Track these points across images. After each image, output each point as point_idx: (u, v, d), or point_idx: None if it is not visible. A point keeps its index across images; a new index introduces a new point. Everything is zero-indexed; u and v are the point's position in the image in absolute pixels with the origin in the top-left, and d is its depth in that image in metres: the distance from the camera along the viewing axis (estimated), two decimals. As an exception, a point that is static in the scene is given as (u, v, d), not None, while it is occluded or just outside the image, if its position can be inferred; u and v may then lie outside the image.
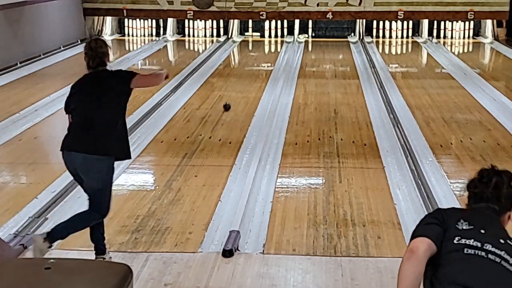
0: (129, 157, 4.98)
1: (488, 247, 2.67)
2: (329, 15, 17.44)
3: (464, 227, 2.73)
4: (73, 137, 4.84)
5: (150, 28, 18.48)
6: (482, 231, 2.73)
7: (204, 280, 4.79)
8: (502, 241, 2.70)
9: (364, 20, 17.99)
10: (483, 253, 2.66)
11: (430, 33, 17.99)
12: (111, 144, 4.77)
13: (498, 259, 2.65)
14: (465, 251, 2.67)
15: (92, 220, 4.91)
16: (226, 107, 9.91)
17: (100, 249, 4.99)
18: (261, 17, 17.54)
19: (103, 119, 4.75)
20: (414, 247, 2.75)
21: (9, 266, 3.41)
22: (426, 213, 5.92)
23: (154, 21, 18.40)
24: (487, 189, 2.93)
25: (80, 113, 4.82)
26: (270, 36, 18.34)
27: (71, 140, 4.85)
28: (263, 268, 4.97)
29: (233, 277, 4.84)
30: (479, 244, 2.68)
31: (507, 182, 3.02)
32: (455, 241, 2.69)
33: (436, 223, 2.78)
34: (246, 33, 18.47)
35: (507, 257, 2.65)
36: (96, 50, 5.04)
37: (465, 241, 2.68)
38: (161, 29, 18.39)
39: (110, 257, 4.98)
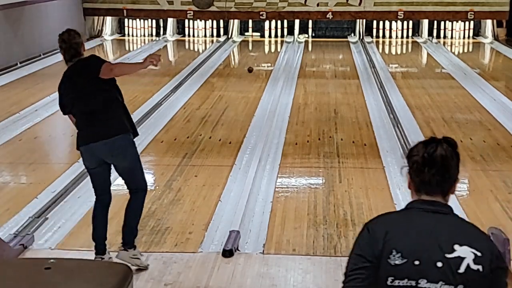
0: (137, 134, 5.11)
1: (423, 283, 2.38)
2: (329, 15, 17.44)
3: (396, 262, 2.39)
4: (85, 132, 4.86)
5: (150, 28, 18.48)
6: (417, 262, 2.38)
7: (204, 280, 4.79)
8: (440, 264, 2.37)
9: (364, 20, 17.99)
10: None
11: (430, 33, 17.99)
12: (119, 122, 4.89)
13: None
14: None
15: (143, 199, 4.98)
16: (249, 70, 10.03)
17: (100, 248, 4.99)
18: (261, 17, 17.54)
19: (99, 104, 4.81)
20: None
21: (9, 266, 3.41)
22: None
23: (154, 21, 18.40)
24: (434, 177, 2.49)
25: (78, 109, 4.89)
26: (270, 36, 18.35)
27: (84, 135, 4.87)
28: (263, 268, 4.97)
29: (233, 277, 4.84)
30: (413, 283, 2.38)
31: (452, 155, 2.52)
32: (388, 283, 2.40)
33: (364, 266, 2.41)
34: (246, 33, 18.46)
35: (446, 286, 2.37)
36: (69, 42, 5.14)
37: (398, 283, 2.39)
38: (161, 29, 18.39)
39: (110, 257, 4.98)
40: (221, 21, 18.20)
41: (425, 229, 2.43)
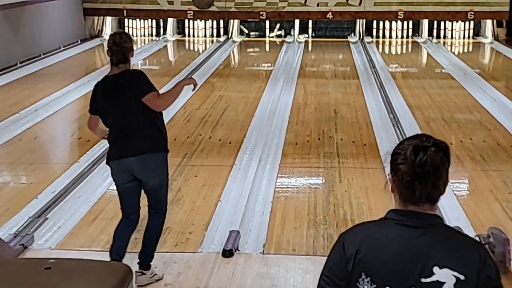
0: (167, 151, 4.83)
1: None
2: (329, 15, 17.44)
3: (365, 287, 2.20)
4: (119, 145, 4.67)
5: (150, 28, 18.49)
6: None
7: (204, 280, 4.79)
8: None
9: (364, 20, 17.99)
10: None
11: (430, 33, 17.98)
12: (155, 139, 4.69)
13: None
14: None
15: (162, 222, 4.85)
16: None
17: (144, 264, 4.83)
18: (261, 17, 17.54)
19: (135, 123, 4.63)
20: None
21: (9, 266, 3.41)
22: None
23: (154, 21, 18.40)
24: (425, 189, 2.24)
25: (112, 120, 4.69)
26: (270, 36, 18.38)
27: (117, 148, 4.67)
28: (263, 268, 4.97)
29: (233, 277, 4.84)
30: None
31: (445, 160, 2.35)
32: None
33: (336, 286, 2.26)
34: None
35: None
36: (120, 45, 4.86)
37: None
38: (161, 29, 18.39)
39: (155, 274, 4.83)
40: (221, 21, 18.20)
41: (403, 248, 2.19)
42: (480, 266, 2.17)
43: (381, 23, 18.12)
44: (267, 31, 18.51)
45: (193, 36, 18.39)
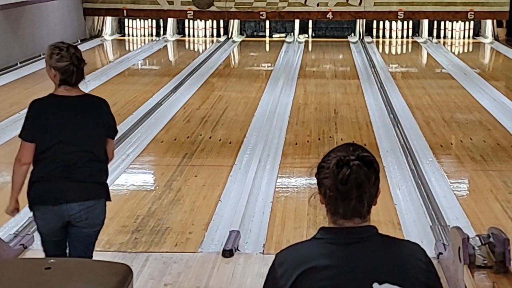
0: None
1: None
2: (329, 15, 17.44)
3: None
4: (57, 186, 3.85)
5: (150, 28, 18.48)
6: None
7: (204, 280, 4.79)
8: None
9: (364, 20, 17.99)
10: None
11: (430, 33, 17.98)
12: (102, 183, 4.20)
13: None
14: None
15: None
16: None
17: None
18: (261, 17, 17.55)
19: (89, 161, 4.03)
20: None
21: (9, 266, 3.41)
22: (426, 213, 5.96)
23: (154, 21, 18.40)
24: (349, 206, 2.14)
25: (57, 152, 3.86)
26: (271, 36, 18.39)
27: (54, 189, 3.85)
28: (263, 268, 4.97)
29: (233, 277, 4.84)
30: None
31: (371, 174, 2.16)
32: None
33: None
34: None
35: None
36: (82, 62, 4.19)
37: None
38: (161, 29, 18.39)
39: None
40: (221, 21, 18.21)
41: (338, 269, 2.07)
42: (421, 274, 2.10)
43: (381, 23, 18.12)
44: (267, 31, 18.53)
45: (193, 36, 18.39)
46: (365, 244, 2.12)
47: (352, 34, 18.27)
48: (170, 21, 18.30)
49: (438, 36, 18.00)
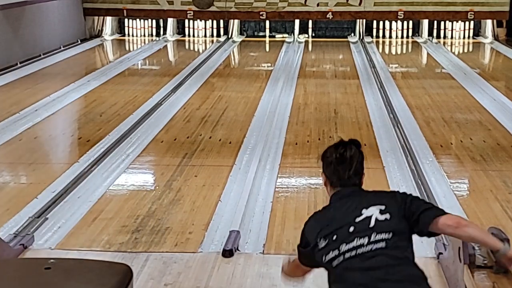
0: None
1: (343, 247, 2.94)
2: (329, 15, 17.44)
3: (322, 245, 3.00)
4: None
5: (150, 28, 18.48)
6: (334, 237, 2.97)
7: (204, 280, 4.79)
8: (351, 229, 2.95)
9: (364, 20, 17.99)
10: (342, 257, 2.93)
11: (430, 33, 17.98)
12: None
13: (353, 252, 2.92)
14: (333, 265, 2.96)
15: None
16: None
17: None
18: (261, 17, 17.55)
19: None
20: (295, 277, 3.60)
21: (9, 266, 3.41)
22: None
23: (154, 21, 18.40)
24: (346, 172, 3.15)
25: None
26: (271, 36, 18.40)
27: None
28: (263, 268, 4.97)
29: (233, 277, 4.84)
30: (337, 252, 2.94)
31: (358, 153, 3.20)
32: (324, 260, 3.00)
33: (305, 252, 3.17)
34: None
35: (360, 243, 2.92)
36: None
37: (328, 257, 2.97)
38: (161, 29, 18.38)
39: None
40: (221, 21, 18.21)
41: (339, 211, 3.05)
42: (394, 195, 3.12)
43: (381, 23, 18.12)
44: (267, 31, 18.54)
45: (193, 36, 18.39)
46: (357, 192, 3.15)
47: (352, 34, 18.27)
48: (170, 21, 18.30)
49: (438, 36, 17.99)
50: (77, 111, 10.44)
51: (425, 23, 17.95)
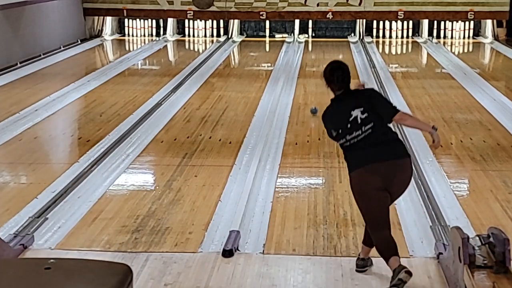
0: None
1: (348, 137, 4.59)
2: (329, 15, 17.44)
3: (334, 134, 4.67)
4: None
5: (150, 28, 18.49)
6: (340, 131, 4.61)
7: (204, 280, 4.79)
8: (349, 125, 4.61)
9: (364, 20, 17.99)
10: (348, 142, 4.61)
11: (430, 33, 17.99)
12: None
13: (354, 139, 4.58)
14: (344, 146, 4.66)
15: None
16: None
17: None
18: (261, 17, 17.55)
19: None
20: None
21: (9, 266, 3.41)
22: (426, 213, 5.97)
23: (154, 21, 18.40)
24: (340, 83, 4.82)
25: None
26: (271, 36, 18.41)
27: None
28: (263, 268, 4.97)
29: (233, 277, 4.84)
30: (344, 139, 4.62)
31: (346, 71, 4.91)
32: (338, 142, 4.70)
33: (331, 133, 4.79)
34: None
35: (357, 133, 4.58)
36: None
37: (340, 142, 4.66)
38: (161, 29, 18.39)
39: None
40: (221, 21, 18.21)
41: (338, 111, 4.70)
42: (369, 96, 4.76)
43: (381, 23, 18.12)
44: (267, 31, 18.55)
45: (193, 36, 18.39)
46: (348, 97, 4.77)
47: (352, 34, 18.28)
48: (170, 21, 18.31)
49: (438, 36, 18.00)
50: (77, 111, 10.45)
51: (425, 23, 17.95)
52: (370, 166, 4.52)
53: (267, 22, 18.41)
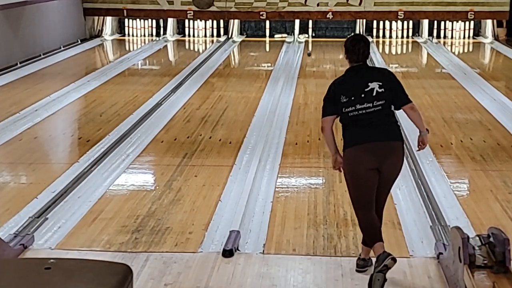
0: None
1: (358, 106, 4.67)
2: (329, 15, 17.44)
3: (344, 100, 4.71)
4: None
5: (150, 28, 18.49)
6: (352, 98, 4.67)
7: (204, 280, 4.79)
8: (363, 95, 4.68)
9: (364, 20, 17.99)
10: (356, 112, 4.68)
11: (430, 33, 17.99)
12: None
13: (363, 111, 4.67)
14: (349, 115, 4.69)
15: None
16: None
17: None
18: (261, 17, 17.55)
19: None
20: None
21: (9, 266, 3.41)
22: (426, 213, 5.97)
23: (154, 21, 18.40)
24: (361, 56, 4.80)
25: None
26: (271, 36, 18.41)
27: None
28: (263, 268, 4.97)
29: (233, 277, 4.84)
30: (353, 108, 4.67)
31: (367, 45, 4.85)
32: (343, 110, 4.71)
33: (330, 100, 4.86)
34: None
35: (368, 105, 4.68)
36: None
37: (347, 110, 4.69)
38: (161, 29, 18.39)
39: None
40: (221, 21, 18.21)
41: (355, 80, 4.74)
42: (389, 75, 4.85)
43: (381, 23, 18.13)
44: (267, 31, 18.55)
45: (193, 36, 18.39)
46: (365, 69, 4.81)
47: (352, 34, 18.26)
48: (170, 21, 18.30)
49: (438, 36, 18.00)
50: (77, 111, 10.45)
51: (425, 23, 17.95)
52: (366, 145, 4.64)
53: (267, 22, 18.41)
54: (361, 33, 18.02)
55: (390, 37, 18.12)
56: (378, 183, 4.71)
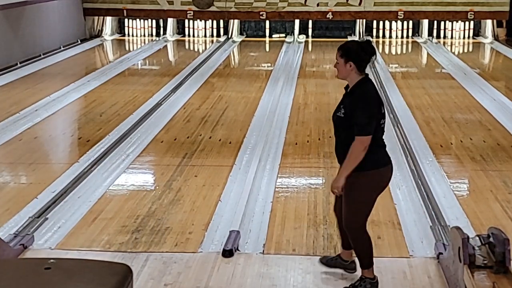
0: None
1: (383, 120, 4.46)
2: (329, 15, 17.44)
3: (383, 111, 4.49)
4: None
5: (150, 28, 18.49)
6: (382, 110, 4.50)
7: (204, 280, 4.79)
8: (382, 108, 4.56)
9: (364, 20, 17.99)
10: (383, 125, 4.47)
11: (430, 33, 17.98)
12: None
13: (384, 125, 4.47)
14: (382, 126, 4.46)
15: None
16: None
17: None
18: (261, 17, 17.55)
19: None
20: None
21: (9, 266, 3.41)
22: (426, 213, 5.97)
23: (154, 21, 18.40)
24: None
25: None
26: (270, 36, 18.40)
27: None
28: (263, 268, 4.98)
29: (233, 277, 4.84)
30: (383, 120, 4.51)
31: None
32: (380, 123, 4.42)
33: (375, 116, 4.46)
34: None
35: (384, 119, 4.49)
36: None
37: (381, 122, 4.45)
38: (161, 29, 18.39)
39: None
40: (221, 21, 18.21)
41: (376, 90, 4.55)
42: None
43: (381, 23, 18.12)
44: (267, 31, 18.55)
45: (193, 36, 18.39)
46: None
47: (352, 34, 18.28)
48: (170, 21, 18.30)
49: (438, 36, 18.00)
50: (77, 111, 10.45)
51: (425, 23, 17.95)
52: (390, 167, 4.48)
53: (267, 22, 18.41)
54: (361, 34, 18.04)
55: (390, 37, 18.12)
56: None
